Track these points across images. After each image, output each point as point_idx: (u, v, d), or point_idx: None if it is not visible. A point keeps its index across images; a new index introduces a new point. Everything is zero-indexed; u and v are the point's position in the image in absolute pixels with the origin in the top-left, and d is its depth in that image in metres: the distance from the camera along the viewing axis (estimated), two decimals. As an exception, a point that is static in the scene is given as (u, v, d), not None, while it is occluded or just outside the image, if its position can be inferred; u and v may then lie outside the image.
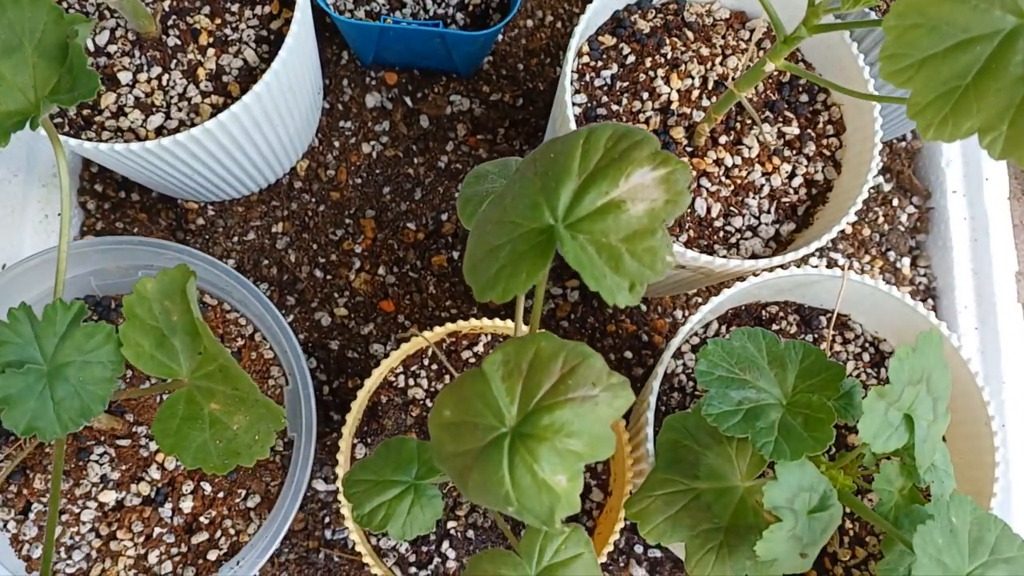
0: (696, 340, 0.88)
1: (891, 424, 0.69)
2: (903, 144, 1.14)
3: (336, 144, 1.07)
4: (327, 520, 0.99)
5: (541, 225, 0.60)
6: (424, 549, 0.80)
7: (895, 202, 1.12)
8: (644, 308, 1.07)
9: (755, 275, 0.80)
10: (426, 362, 0.85)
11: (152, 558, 0.78)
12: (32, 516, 0.79)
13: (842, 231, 1.12)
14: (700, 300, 1.07)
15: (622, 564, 1.00)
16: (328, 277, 1.04)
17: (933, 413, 0.72)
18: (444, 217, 1.06)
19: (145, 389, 0.72)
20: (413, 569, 0.80)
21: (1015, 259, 1.09)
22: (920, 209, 1.12)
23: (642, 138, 0.60)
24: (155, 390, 0.72)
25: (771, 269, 0.81)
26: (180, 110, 0.83)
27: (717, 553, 0.71)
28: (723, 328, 0.88)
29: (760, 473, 0.75)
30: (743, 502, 0.73)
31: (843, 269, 0.81)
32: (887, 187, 1.13)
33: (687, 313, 1.06)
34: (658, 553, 1.00)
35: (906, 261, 1.10)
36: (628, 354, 1.05)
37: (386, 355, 0.89)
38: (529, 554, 0.64)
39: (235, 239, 1.04)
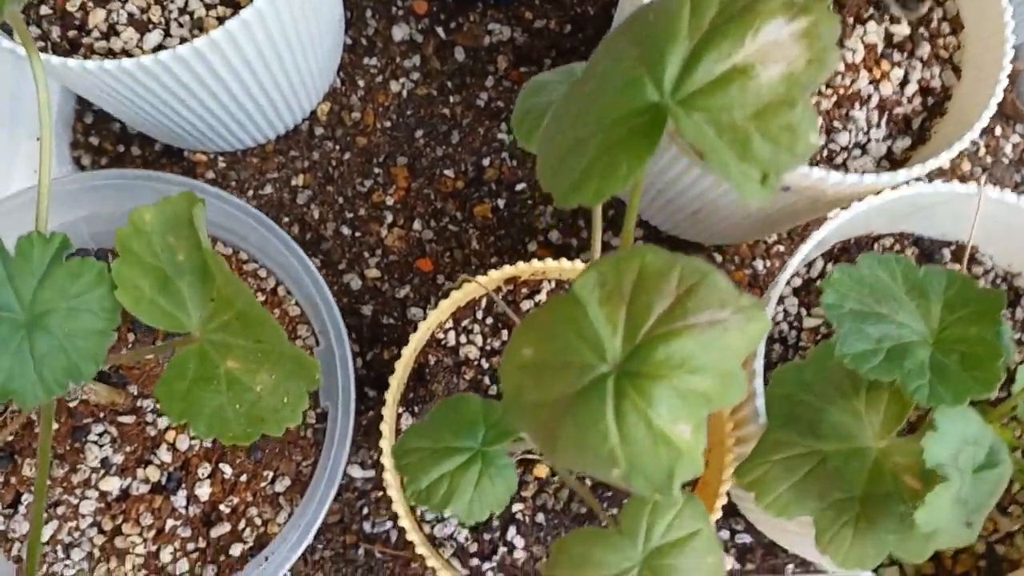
0: (798, 282, 0.74)
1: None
2: (1004, 65, 1.00)
3: (361, 83, 0.94)
4: (366, 511, 0.85)
5: (643, 104, 0.47)
6: (487, 537, 0.67)
7: (997, 131, 0.98)
8: (719, 259, 0.93)
9: (872, 195, 0.67)
10: (479, 315, 0.71)
11: (165, 555, 0.66)
12: (22, 509, 0.66)
13: (939, 166, 0.98)
14: (782, 248, 0.93)
15: (707, 551, 0.86)
16: (357, 234, 0.91)
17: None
18: (486, 162, 0.93)
19: (148, 349, 0.59)
20: (475, 561, 0.66)
21: None
22: (1027, 137, 0.99)
23: (771, -13, 0.47)
24: (160, 350, 0.59)
25: (893, 187, 0.67)
26: (182, 26, 0.71)
27: (854, 527, 0.58)
28: (830, 266, 0.74)
29: (897, 430, 0.61)
30: (878, 466, 0.59)
31: (978, 183, 0.68)
32: (988, 114, 0.99)
33: (768, 264, 0.93)
34: (747, 539, 0.87)
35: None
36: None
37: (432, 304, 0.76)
38: (633, 532, 0.51)
39: (250, 194, 0.91)
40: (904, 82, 0.74)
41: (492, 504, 0.55)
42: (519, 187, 0.92)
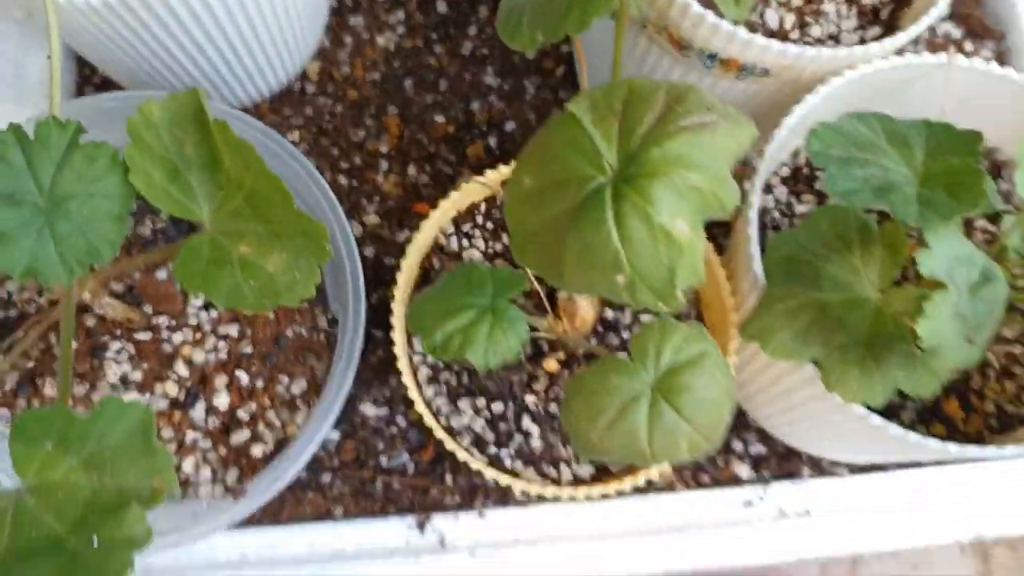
0: (786, 172, 0.77)
1: (1051, 180, 0.58)
2: (966, -14, 1.04)
3: (348, 40, 0.97)
4: (381, 447, 0.86)
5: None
6: (503, 427, 0.68)
7: (968, 47, 1.02)
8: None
9: (849, 69, 0.70)
10: (479, 220, 0.73)
11: (187, 467, 0.67)
12: (43, 430, 0.67)
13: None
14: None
15: (721, 464, 0.87)
16: (354, 183, 0.93)
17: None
18: (475, 106, 0.96)
19: (161, 250, 0.61)
20: (493, 448, 0.68)
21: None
22: (996, 52, 1.02)
23: None
24: (168, 251, 0.61)
25: (868, 61, 0.70)
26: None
27: (861, 366, 0.59)
28: (813, 154, 0.77)
29: (895, 282, 0.63)
30: (879, 313, 0.61)
31: (947, 52, 0.71)
32: (956, 33, 1.02)
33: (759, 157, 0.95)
34: (761, 448, 0.88)
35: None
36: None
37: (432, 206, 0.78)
38: (643, 356, 0.52)
39: (248, 151, 0.93)
40: (870, -26, 0.77)
41: (505, 352, 0.56)
42: (509, 127, 0.95)
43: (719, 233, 0.92)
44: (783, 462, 0.87)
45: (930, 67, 0.71)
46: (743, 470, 0.86)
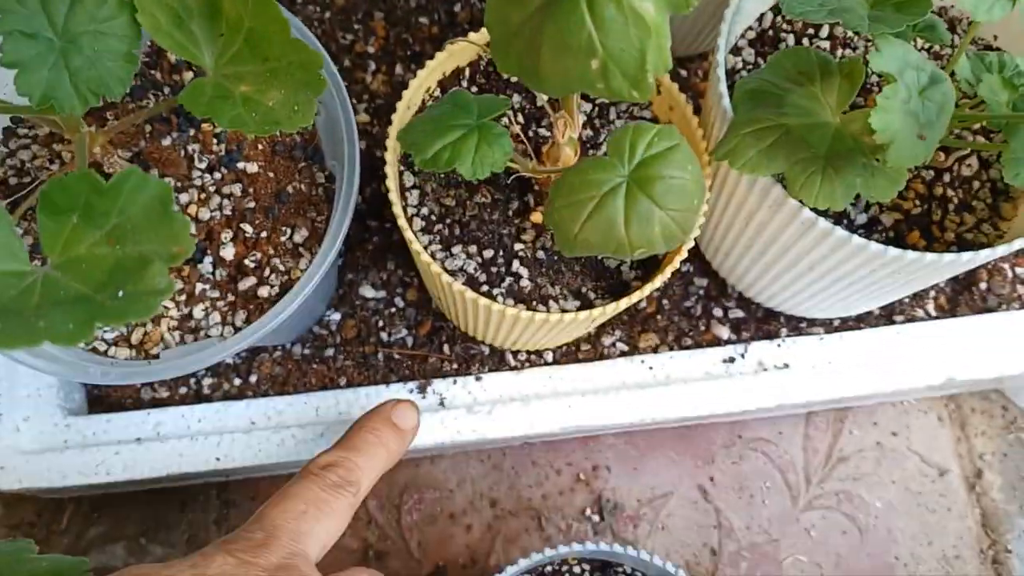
0: (752, 35, 0.81)
1: (992, -8, 0.62)
2: None
3: (334, -50, 1.01)
4: (381, 324, 0.91)
5: None
6: (494, 270, 0.72)
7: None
8: (683, 72, 1.01)
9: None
10: (464, 84, 0.78)
11: (198, 313, 0.71)
12: (60, 286, 0.71)
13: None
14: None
15: (703, 328, 0.92)
16: (344, 83, 0.97)
17: (1034, -16, 0.65)
18: (457, 7, 1.00)
19: (166, 103, 0.65)
20: (485, 288, 0.72)
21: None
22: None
23: None
24: (170, 103, 0.65)
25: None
26: None
27: (822, 174, 0.64)
28: (778, 18, 0.81)
29: (850, 107, 0.68)
30: (839, 133, 0.66)
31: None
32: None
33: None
34: (740, 313, 0.92)
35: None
36: (673, 122, 0.98)
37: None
38: (619, 153, 0.57)
39: (242, 56, 0.97)
40: None
41: (491, 164, 0.61)
42: (490, 25, 0.99)
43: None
44: (762, 324, 0.92)
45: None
46: (724, 332, 0.91)
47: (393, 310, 0.91)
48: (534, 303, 0.73)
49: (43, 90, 0.57)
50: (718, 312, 0.92)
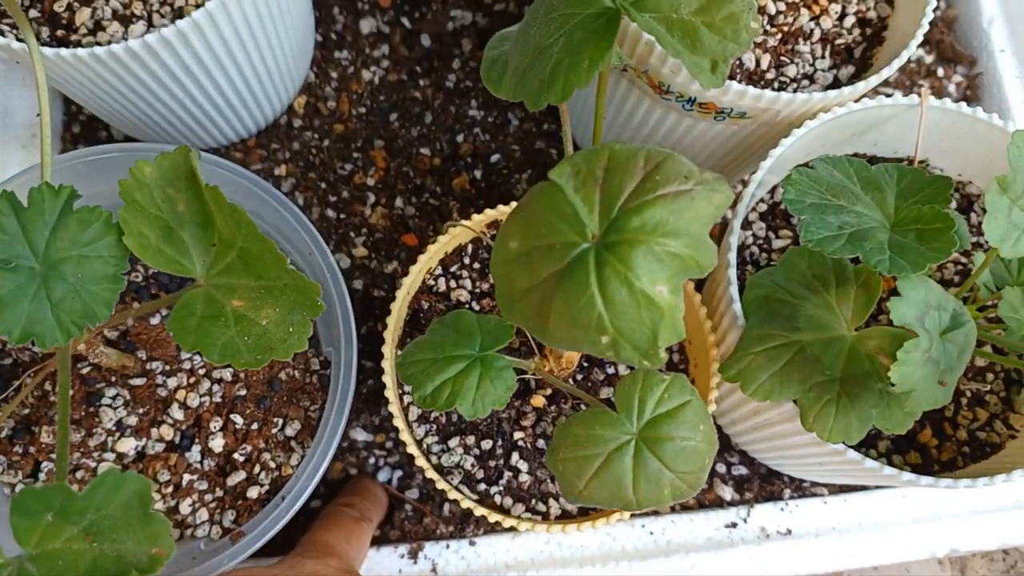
0: (764, 208, 0.79)
1: (1017, 226, 0.60)
2: (938, 12, 1.06)
3: (334, 75, 0.98)
4: (372, 461, 0.88)
5: (598, 8, 0.52)
6: (492, 464, 0.70)
7: (940, 73, 1.04)
8: (689, 210, 0.98)
9: (823, 113, 0.72)
10: (467, 260, 0.75)
11: (184, 508, 0.68)
12: (43, 477, 0.68)
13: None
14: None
15: (706, 486, 0.89)
16: (342, 216, 0.95)
17: (1061, 211, 0.63)
18: (459, 138, 0.97)
19: (157, 302, 0.62)
20: (483, 486, 0.69)
21: (1077, 118, 1.01)
22: (968, 77, 1.04)
23: None
24: (165, 302, 0.62)
25: (841, 104, 0.72)
26: (163, 16, 0.75)
27: (836, 404, 0.61)
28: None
29: (868, 318, 0.65)
30: (854, 351, 0.63)
31: (920, 95, 0.73)
32: (929, 59, 1.04)
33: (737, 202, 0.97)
34: (744, 470, 0.90)
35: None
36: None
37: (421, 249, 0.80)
38: (627, 408, 0.54)
39: (236, 186, 0.94)
40: (843, 15, 0.79)
41: (493, 402, 0.58)
42: (494, 159, 0.97)
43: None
44: (765, 484, 0.89)
45: (902, 107, 0.73)
46: (726, 492, 0.89)
47: (384, 454, 0.89)
48: (533, 501, 0.70)
49: (23, 326, 0.54)
50: (721, 468, 0.90)
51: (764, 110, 0.72)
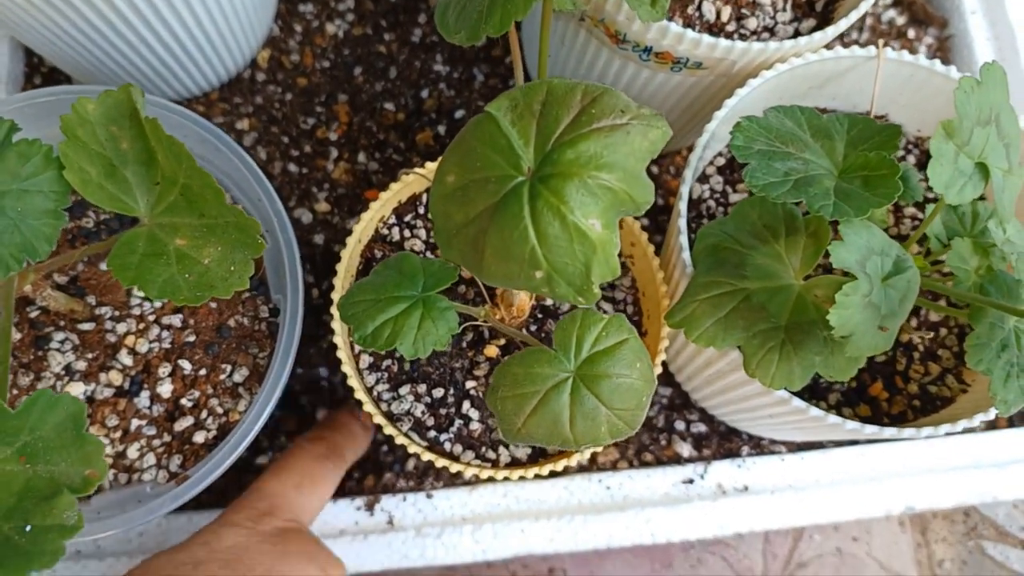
0: (722, 161, 0.78)
1: (963, 172, 0.60)
2: (910, -27, 1.06)
3: (298, 29, 0.97)
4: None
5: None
6: (443, 411, 0.70)
7: (911, 34, 1.04)
8: (656, 169, 0.98)
9: (781, 63, 0.71)
10: (421, 209, 0.75)
11: (132, 453, 0.68)
12: (-12, 420, 0.68)
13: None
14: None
15: (664, 443, 0.90)
16: (304, 171, 0.94)
17: (1007, 161, 0.62)
18: (424, 94, 0.97)
19: (100, 244, 0.62)
20: (433, 433, 0.69)
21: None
22: (939, 39, 1.04)
23: None
24: (109, 243, 0.62)
25: (798, 55, 0.72)
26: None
27: (780, 351, 0.61)
28: (748, 144, 0.78)
29: (815, 269, 0.65)
30: (800, 300, 0.63)
31: (877, 45, 0.72)
32: (900, 20, 1.04)
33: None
34: (703, 428, 0.90)
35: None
36: (644, 220, 0.95)
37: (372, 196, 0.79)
38: (565, 346, 0.54)
39: (198, 139, 0.94)
40: (804, -33, 0.79)
41: (434, 343, 0.58)
42: (458, 114, 0.96)
43: (662, 222, 0.95)
44: (724, 441, 0.90)
45: (860, 59, 0.73)
46: (684, 449, 0.89)
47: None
48: (483, 448, 0.70)
49: (-41, 259, 0.54)
50: (680, 425, 0.90)
51: (720, 60, 0.71)
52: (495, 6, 0.51)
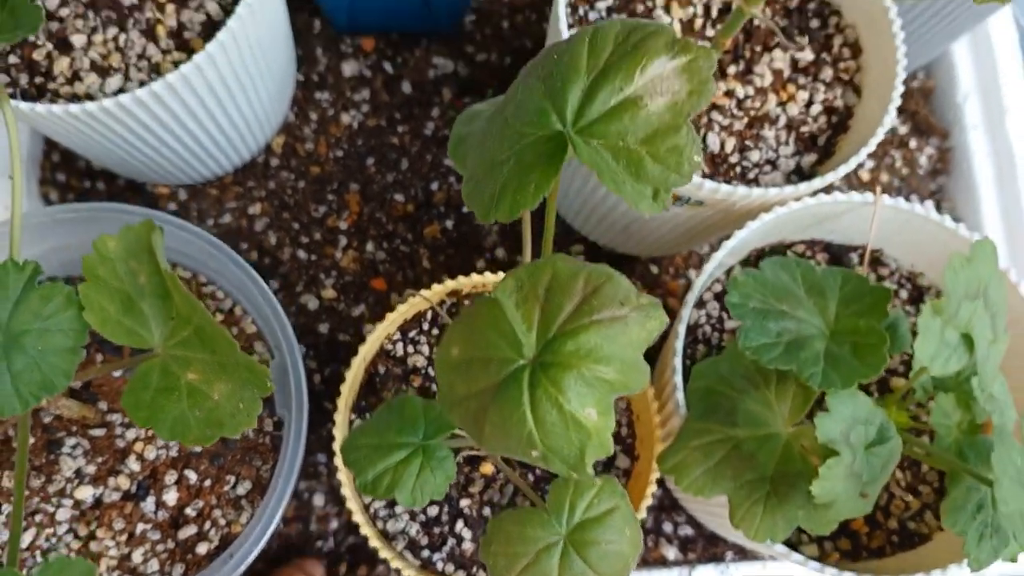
0: (719, 288, 0.81)
1: (949, 344, 0.62)
2: (915, 83, 1.08)
3: (313, 117, 1.00)
4: (317, 529, 0.91)
5: (548, 132, 0.53)
6: (436, 530, 0.72)
7: (912, 144, 1.06)
8: (655, 270, 1.00)
9: (779, 206, 0.74)
10: (426, 326, 0.77)
11: (137, 557, 0.70)
12: (1, 518, 0.70)
13: (860, 179, 1.05)
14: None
15: (651, 544, 0.92)
16: (313, 257, 0.97)
17: (992, 332, 0.65)
18: (434, 187, 0.99)
19: (115, 364, 0.64)
20: (426, 552, 0.72)
21: (1044, 196, 1.03)
22: (940, 149, 1.06)
23: (656, 28, 0.53)
24: (124, 364, 0.64)
25: (797, 199, 0.74)
26: (140, 70, 0.76)
27: (764, 504, 0.64)
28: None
29: (804, 417, 0.68)
30: (788, 449, 0.65)
31: (875, 193, 0.75)
32: (903, 129, 1.06)
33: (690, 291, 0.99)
34: (689, 531, 0.93)
35: (929, 204, 1.03)
36: (641, 320, 0.97)
37: (379, 316, 0.82)
38: (558, 510, 0.57)
39: (210, 223, 0.96)
40: (809, 103, 0.81)
41: (432, 492, 0.60)
42: (466, 209, 0.98)
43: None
44: (709, 545, 0.92)
45: (857, 204, 0.75)
46: (671, 552, 0.91)
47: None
48: (475, 568, 0.73)
49: (-18, 397, 0.56)
50: (668, 527, 0.93)
51: (720, 200, 0.74)
52: (505, 193, 0.53)
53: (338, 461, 0.70)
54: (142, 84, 0.75)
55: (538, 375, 0.49)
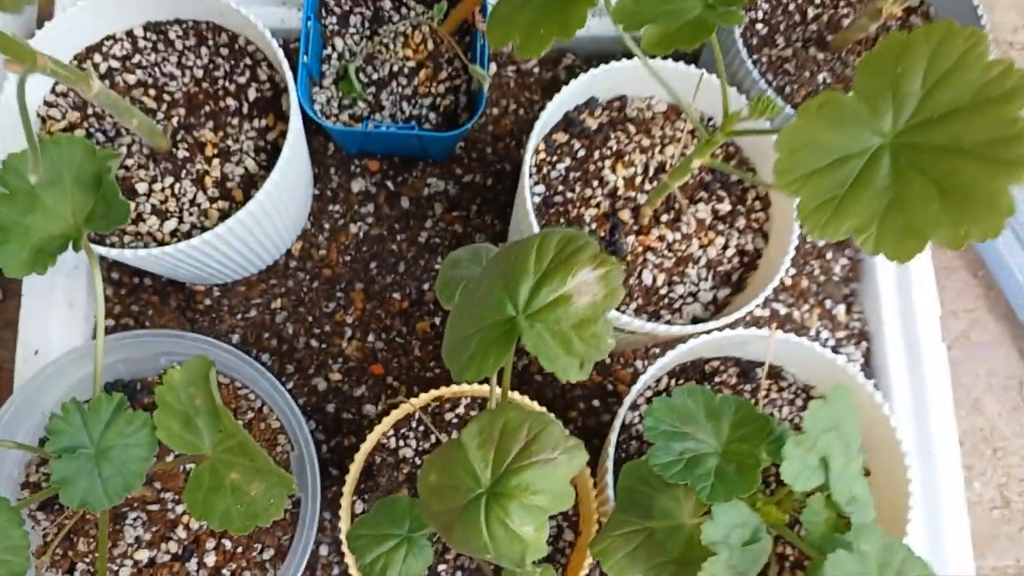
0: (650, 393, 1.00)
1: (809, 466, 0.82)
2: (833, 203, 1.27)
3: (326, 226, 1.19)
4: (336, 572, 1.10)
5: (505, 317, 0.72)
6: (418, 589, 0.92)
7: (829, 255, 1.25)
8: (608, 360, 1.20)
9: (695, 337, 0.93)
10: (414, 424, 0.97)
11: (182, 608, 0.90)
12: (77, 575, 0.90)
13: (783, 283, 1.25)
14: (657, 351, 1.19)
15: (597, 593, 1.11)
16: (323, 346, 1.16)
17: (845, 455, 0.84)
18: (426, 287, 1.19)
19: (173, 462, 0.84)
20: (409, 608, 0.91)
21: (938, 302, 1.22)
22: (852, 260, 1.26)
23: (585, 243, 0.72)
24: (180, 461, 0.83)
25: (708, 332, 0.94)
26: (191, 215, 0.96)
27: (667, 585, 0.83)
28: (673, 381, 1.00)
29: (704, 511, 0.87)
30: (691, 538, 0.84)
31: (771, 329, 0.94)
32: (821, 242, 1.26)
33: (646, 363, 1.19)
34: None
35: (841, 308, 1.24)
36: (595, 402, 1.17)
37: (377, 416, 1.02)
38: (505, 594, 0.76)
39: (238, 316, 1.16)
40: (726, 246, 1.00)
41: (414, 574, 0.80)
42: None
43: (611, 404, 1.16)
44: (644, 596, 1.11)
45: (758, 337, 0.94)
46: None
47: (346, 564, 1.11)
48: (447, 620, 0.92)
49: (81, 498, 0.76)
50: (610, 579, 1.12)
51: (646, 332, 0.93)
52: (472, 363, 0.73)
53: (344, 540, 0.89)
54: (193, 227, 0.95)
55: (491, 502, 0.69)
